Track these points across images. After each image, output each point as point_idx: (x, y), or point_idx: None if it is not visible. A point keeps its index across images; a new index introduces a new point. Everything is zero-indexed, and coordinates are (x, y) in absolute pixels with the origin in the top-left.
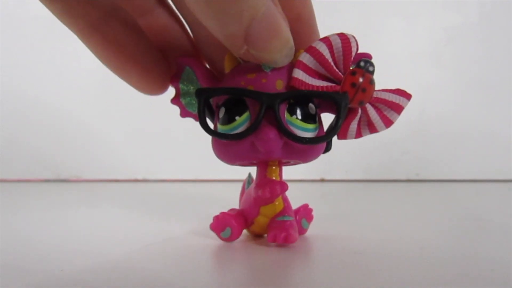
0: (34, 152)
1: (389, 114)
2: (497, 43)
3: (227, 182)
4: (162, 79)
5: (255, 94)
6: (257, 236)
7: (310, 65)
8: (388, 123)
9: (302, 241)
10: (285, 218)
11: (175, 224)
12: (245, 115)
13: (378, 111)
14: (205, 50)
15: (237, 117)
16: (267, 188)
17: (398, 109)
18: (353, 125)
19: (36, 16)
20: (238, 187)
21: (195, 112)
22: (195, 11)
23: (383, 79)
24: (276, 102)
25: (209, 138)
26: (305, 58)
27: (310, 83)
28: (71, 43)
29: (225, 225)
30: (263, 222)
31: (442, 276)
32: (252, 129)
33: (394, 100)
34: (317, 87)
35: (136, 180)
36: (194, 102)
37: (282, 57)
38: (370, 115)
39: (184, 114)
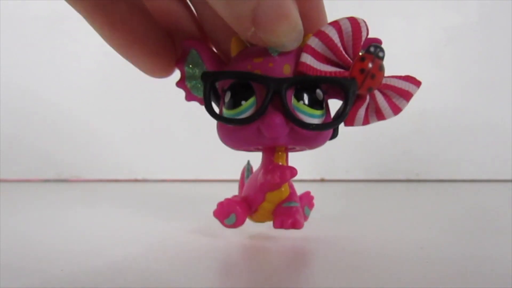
0: (34, 152)
1: (398, 101)
2: (497, 43)
3: (227, 182)
4: (168, 61)
5: (262, 79)
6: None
7: (318, 50)
8: (396, 110)
9: (302, 241)
10: (291, 204)
11: (175, 224)
12: (251, 99)
13: (387, 98)
14: (211, 32)
15: (243, 102)
16: (277, 172)
17: (407, 96)
18: (361, 112)
19: (36, 16)
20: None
21: (201, 96)
22: None
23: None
24: (282, 87)
25: (208, 138)
26: (313, 42)
27: (318, 68)
28: (71, 43)
29: (230, 211)
30: (268, 209)
31: (442, 276)
32: (258, 114)
33: (403, 87)
34: (325, 72)
35: (136, 180)
36: (199, 85)
37: (290, 40)
38: (379, 102)
39: (189, 97)
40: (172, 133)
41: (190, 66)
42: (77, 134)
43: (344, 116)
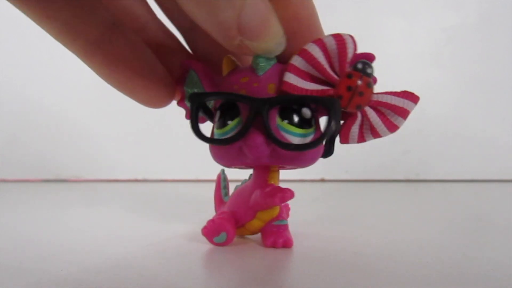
0: (34, 152)
1: (393, 118)
2: (497, 43)
3: None
4: (166, 91)
5: (244, 99)
6: (244, 237)
7: (302, 68)
8: (392, 128)
9: (301, 241)
10: (282, 223)
11: (174, 224)
12: (237, 119)
13: (381, 115)
14: (203, 57)
15: (229, 122)
16: (278, 195)
17: (403, 113)
18: (354, 130)
19: None
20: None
21: (201, 114)
22: (185, 2)
23: (383, 80)
24: (264, 107)
25: None
26: (297, 61)
27: (302, 86)
28: None
29: (221, 230)
30: (256, 226)
31: (442, 276)
32: (240, 134)
33: (397, 104)
34: (311, 91)
35: (136, 180)
36: None
37: (276, 44)
38: (371, 119)
39: (189, 116)
40: (172, 133)
41: (189, 86)
42: (77, 134)
43: (325, 136)
